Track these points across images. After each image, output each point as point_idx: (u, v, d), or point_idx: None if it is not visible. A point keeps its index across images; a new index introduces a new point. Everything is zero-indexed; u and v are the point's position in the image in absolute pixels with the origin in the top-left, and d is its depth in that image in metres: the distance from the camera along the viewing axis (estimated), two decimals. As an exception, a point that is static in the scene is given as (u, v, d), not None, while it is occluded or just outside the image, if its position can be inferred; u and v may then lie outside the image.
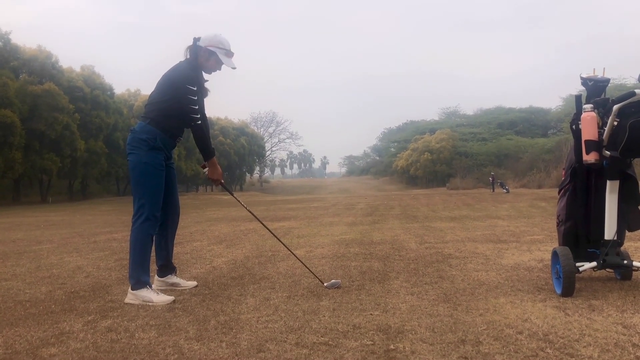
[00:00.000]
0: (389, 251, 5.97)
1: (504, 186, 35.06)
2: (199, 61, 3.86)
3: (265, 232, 9.03)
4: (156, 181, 3.75)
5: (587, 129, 3.39)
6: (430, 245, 6.40)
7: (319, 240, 7.36)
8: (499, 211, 13.86)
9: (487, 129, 77.44)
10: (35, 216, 19.09)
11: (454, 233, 7.97)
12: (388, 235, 7.94)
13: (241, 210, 18.32)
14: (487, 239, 7.02)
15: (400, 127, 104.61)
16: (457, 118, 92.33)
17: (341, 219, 12.40)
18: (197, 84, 3.77)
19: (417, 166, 72.35)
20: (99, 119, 41.83)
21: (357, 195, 39.94)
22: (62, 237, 9.51)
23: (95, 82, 42.64)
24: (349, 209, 17.40)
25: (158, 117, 3.78)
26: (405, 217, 12.42)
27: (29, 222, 15.12)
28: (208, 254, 6.29)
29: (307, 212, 15.70)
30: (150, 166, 3.72)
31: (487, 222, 10.17)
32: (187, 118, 3.77)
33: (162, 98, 3.79)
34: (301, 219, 12.59)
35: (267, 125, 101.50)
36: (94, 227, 12.23)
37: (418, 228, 9.08)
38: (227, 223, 12.05)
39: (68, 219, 16.73)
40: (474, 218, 11.37)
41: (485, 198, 24.05)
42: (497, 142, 70.24)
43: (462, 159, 67.92)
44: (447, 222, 10.26)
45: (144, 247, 3.71)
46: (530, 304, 3.26)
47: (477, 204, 18.67)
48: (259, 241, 7.56)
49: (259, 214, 15.84)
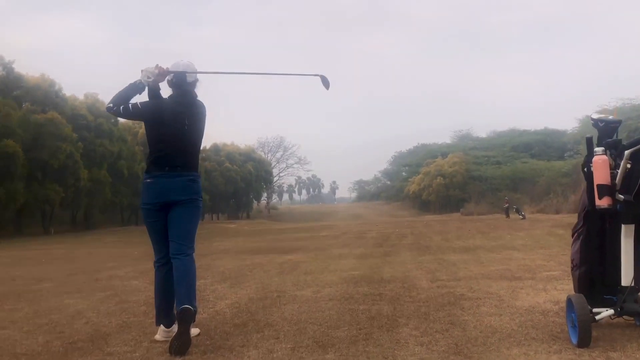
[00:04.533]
0: (399, 291, 5.93)
1: (520, 212, 34.72)
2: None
3: (271, 268, 9.02)
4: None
5: (599, 173, 3.38)
6: (442, 284, 6.34)
7: (327, 278, 7.32)
8: (514, 240, 13.73)
9: (501, 152, 77.28)
10: (36, 249, 19.19)
11: (467, 268, 7.90)
12: (399, 270, 7.89)
13: (247, 242, 18.32)
14: (502, 275, 6.95)
15: (412, 150, 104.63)
16: (470, 141, 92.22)
17: (351, 250, 12.36)
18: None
19: (429, 191, 72.13)
20: (102, 147, 42.27)
21: (368, 222, 39.82)
22: (63, 275, 9.54)
23: (99, 110, 43.15)
24: (359, 238, 17.35)
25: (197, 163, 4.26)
26: (417, 247, 12.35)
27: (30, 256, 15.21)
28: (211, 294, 6.27)
29: (316, 243, 15.67)
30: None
31: (502, 253, 10.08)
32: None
33: (200, 139, 4.31)
34: (309, 251, 12.55)
35: (275, 150, 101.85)
36: (96, 262, 12.28)
37: (430, 261, 9.01)
38: (233, 256, 12.04)
39: (70, 252, 16.81)
40: (488, 249, 11.27)
41: (500, 225, 23.87)
42: (511, 165, 70.00)
43: (476, 183, 67.70)
44: (460, 254, 10.18)
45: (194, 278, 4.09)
46: (545, 355, 3.21)
47: (492, 231, 18.52)
48: (264, 279, 7.54)
49: (267, 245, 15.87)
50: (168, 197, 4.02)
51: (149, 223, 4.18)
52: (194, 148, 4.21)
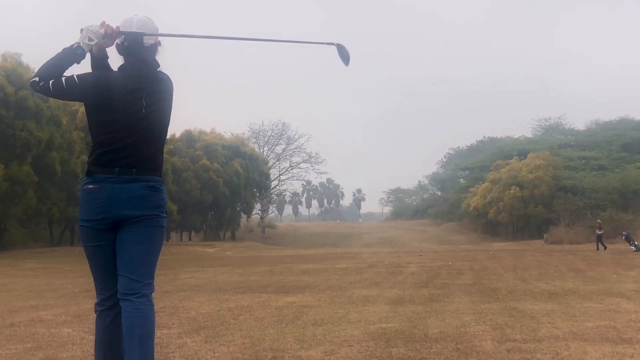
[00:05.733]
0: (451, 355, 5.91)
1: (632, 240, 34.60)
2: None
3: (265, 315, 9.03)
4: None
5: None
6: (515, 347, 6.32)
7: (346, 333, 7.31)
8: (622, 283, 13.74)
9: (607, 152, 76.94)
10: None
11: (552, 323, 7.87)
12: (451, 324, 7.86)
13: (231, 274, 18.35)
14: (603, 335, 6.91)
15: (474, 147, 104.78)
16: (561, 135, 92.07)
17: (381, 291, 12.34)
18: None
19: (499, 207, 71.96)
20: (25, 131, 42.43)
21: (407, 251, 39.73)
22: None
23: (22, 78, 43.36)
24: (393, 274, 17.31)
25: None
26: (479, 290, 12.32)
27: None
28: (178, 352, 6.29)
29: (330, 279, 15.65)
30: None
31: (603, 302, 10.04)
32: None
33: (165, 127, 4.38)
34: (321, 291, 12.54)
35: (274, 142, 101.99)
36: (12, 298, 12.35)
37: (498, 312, 8.98)
38: (210, 296, 12.06)
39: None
40: (583, 295, 11.23)
41: (602, 260, 23.74)
42: (621, 172, 69.59)
43: (568, 197, 67.41)
44: (542, 302, 10.15)
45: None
46: None
47: (589, 269, 18.46)
48: (254, 330, 7.54)
49: (259, 280, 15.90)
50: (118, 211, 4.04)
51: (89, 248, 4.19)
52: (155, 141, 4.23)
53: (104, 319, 4.20)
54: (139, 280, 4.05)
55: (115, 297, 4.11)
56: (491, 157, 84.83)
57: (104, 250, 4.13)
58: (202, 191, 65.91)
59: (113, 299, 4.14)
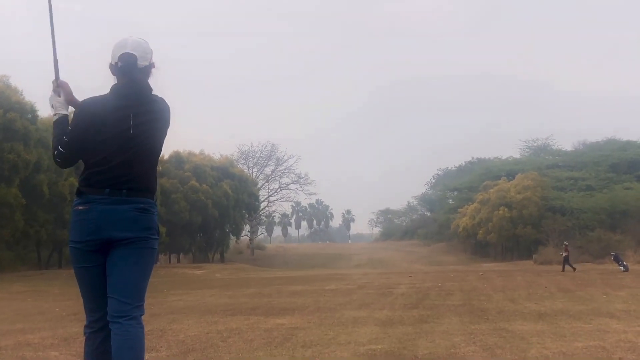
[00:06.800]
0: (440, 375, 5.90)
1: (620, 261, 34.63)
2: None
3: (254, 337, 9.02)
4: None
5: None
6: (505, 367, 6.31)
7: (335, 354, 7.31)
8: (611, 303, 13.77)
9: (595, 172, 77.22)
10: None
11: (541, 343, 7.89)
12: (441, 345, 7.87)
13: (220, 296, 18.30)
14: (592, 355, 6.93)
15: (463, 167, 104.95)
16: (549, 156, 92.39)
17: (371, 312, 12.34)
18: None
19: (488, 227, 71.95)
20: (13, 154, 42.29)
21: (397, 271, 39.68)
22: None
23: (10, 101, 43.32)
24: (383, 295, 17.30)
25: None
26: (469, 311, 12.34)
27: None
28: (166, 375, 6.26)
29: (320, 300, 15.63)
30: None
31: (592, 323, 10.07)
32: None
33: (157, 148, 4.34)
34: (310, 313, 12.53)
35: (263, 163, 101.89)
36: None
37: (488, 332, 9.00)
38: (199, 318, 12.02)
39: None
40: (573, 315, 11.27)
41: (592, 280, 23.78)
42: (609, 192, 69.87)
43: (556, 218, 67.50)
44: (532, 323, 10.17)
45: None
46: None
47: (579, 289, 18.51)
48: (244, 352, 7.53)
49: (248, 302, 15.85)
50: (108, 232, 4.02)
51: (79, 270, 4.17)
52: (146, 162, 4.21)
53: (93, 341, 4.17)
54: (129, 303, 4.02)
55: (105, 320, 4.08)
56: (480, 178, 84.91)
57: (93, 272, 4.10)
58: (191, 213, 65.61)
59: (102, 321, 4.11)
